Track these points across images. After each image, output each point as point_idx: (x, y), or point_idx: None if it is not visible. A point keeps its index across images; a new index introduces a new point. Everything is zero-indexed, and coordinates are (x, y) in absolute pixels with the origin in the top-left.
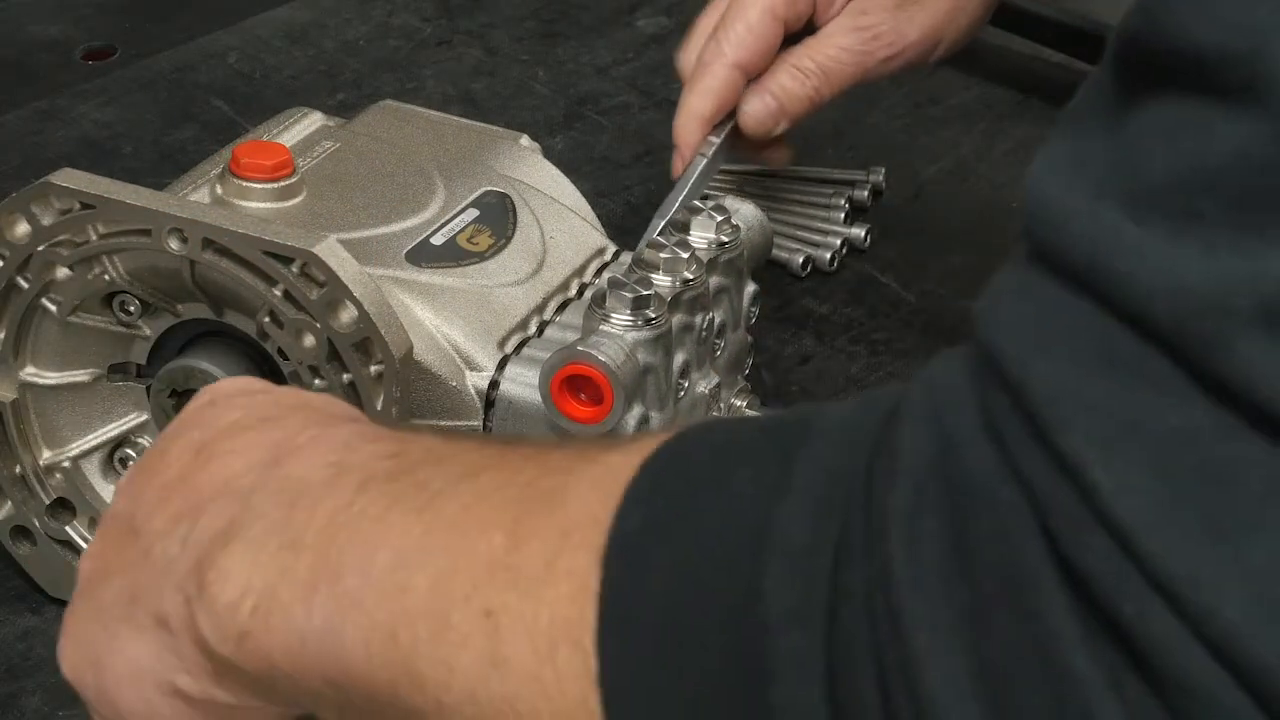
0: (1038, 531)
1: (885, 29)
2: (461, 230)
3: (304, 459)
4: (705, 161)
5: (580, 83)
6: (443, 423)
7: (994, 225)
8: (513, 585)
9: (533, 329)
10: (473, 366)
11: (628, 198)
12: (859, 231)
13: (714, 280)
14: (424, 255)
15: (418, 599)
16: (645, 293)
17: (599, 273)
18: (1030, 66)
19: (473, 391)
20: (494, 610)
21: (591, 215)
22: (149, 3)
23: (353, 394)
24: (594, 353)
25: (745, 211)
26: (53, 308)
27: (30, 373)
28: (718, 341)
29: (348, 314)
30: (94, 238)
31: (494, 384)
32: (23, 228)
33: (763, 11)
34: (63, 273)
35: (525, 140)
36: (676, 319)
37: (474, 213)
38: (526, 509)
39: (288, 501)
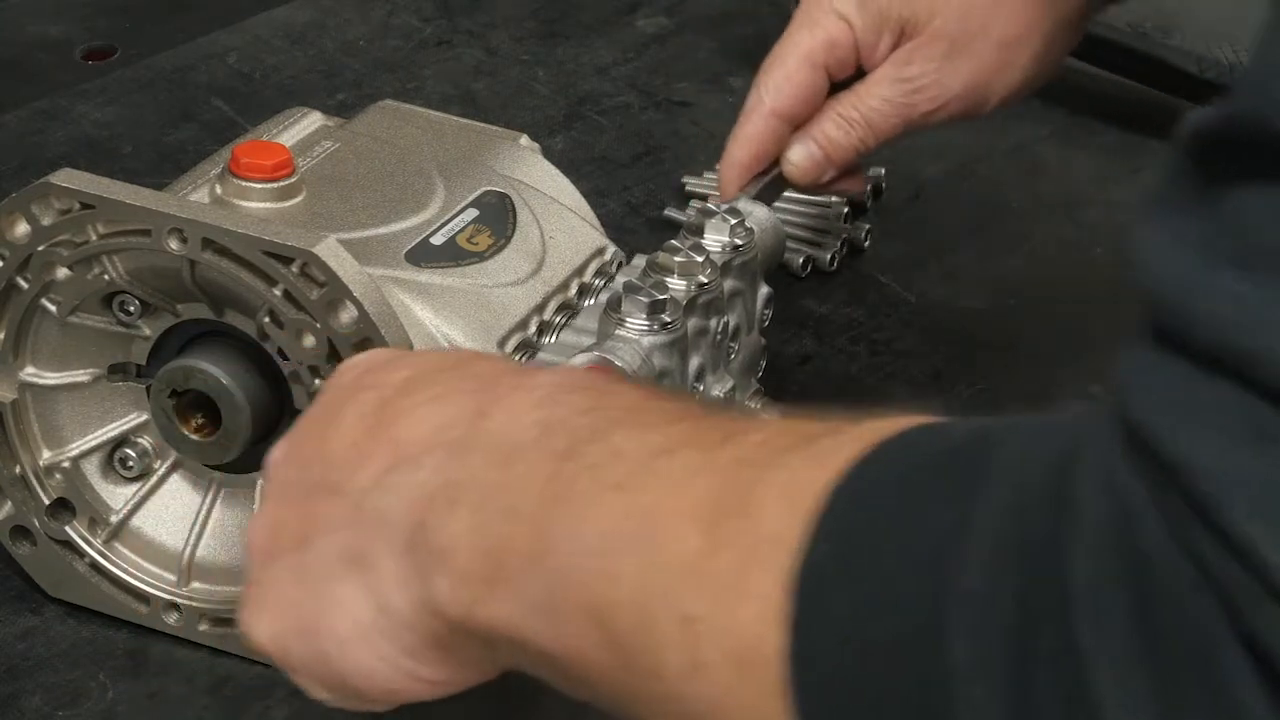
0: (1217, 607)
1: (927, 81)
2: (461, 230)
3: (509, 412)
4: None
5: (580, 83)
6: None
7: (994, 225)
8: (708, 593)
9: (533, 328)
10: None
11: (628, 198)
12: (859, 231)
13: (728, 283)
14: (424, 255)
15: (623, 589)
16: (661, 297)
17: (599, 272)
18: None
19: None
20: (692, 617)
21: (591, 215)
22: (149, 3)
23: None
24: (610, 357)
25: (758, 214)
26: (52, 308)
27: (30, 373)
28: (732, 345)
29: (348, 314)
30: (94, 238)
31: None
32: (22, 228)
33: (800, 59)
34: (62, 273)
35: (525, 140)
36: (692, 323)
37: (474, 213)
38: (721, 510)
39: (502, 461)
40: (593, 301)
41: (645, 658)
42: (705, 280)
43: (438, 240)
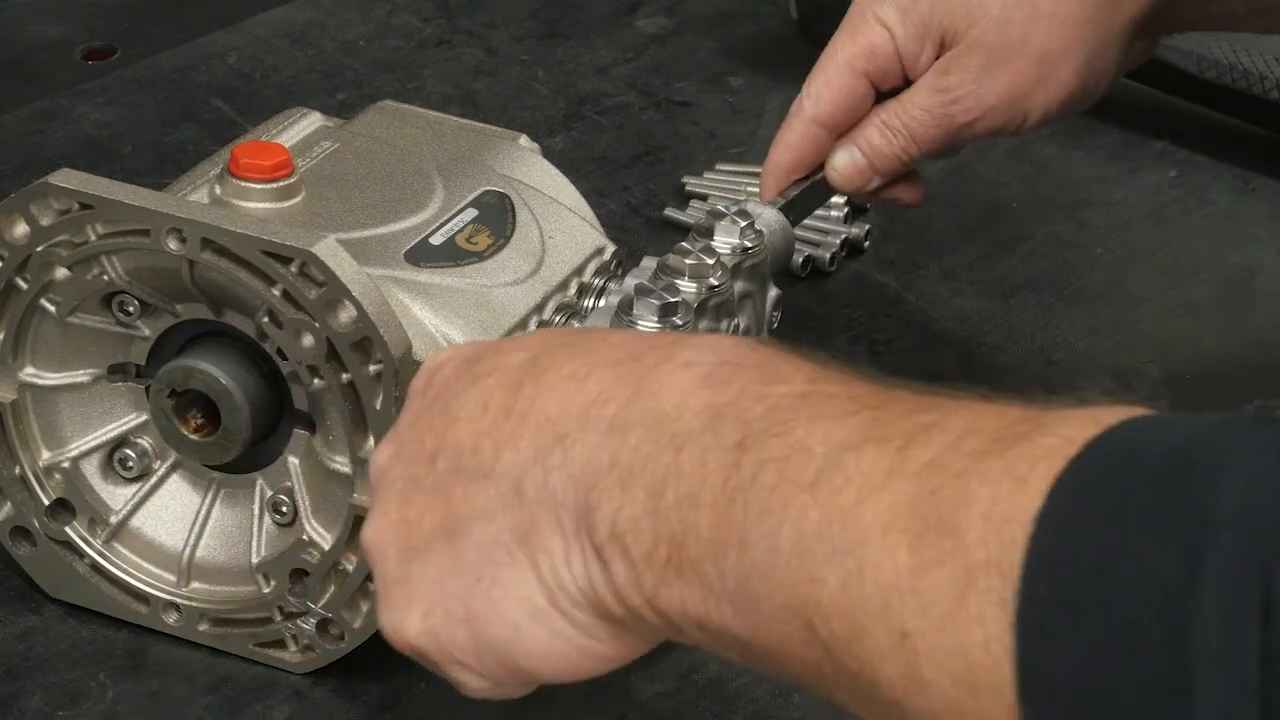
0: None
1: (964, 92)
2: (460, 230)
3: (671, 391)
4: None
5: (580, 83)
6: None
7: (994, 225)
8: (924, 612)
9: (532, 327)
10: None
11: (628, 198)
12: (859, 231)
13: (738, 285)
14: (423, 255)
15: (829, 594)
16: (673, 300)
17: (598, 272)
18: None
19: None
20: (910, 633)
21: (591, 215)
22: (149, 3)
23: (351, 394)
24: None
25: (768, 216)
26: (52, 308)
27: (30, 373)
28: None
29: (346, 313)
30: (93, 238)
31: None
32: (21, 228)
33: (840, 66)
34: (61, 273)
35: (524, 140)
36: (702, 325)
37: (473, 212)
38: (924, 524)
39: (670, 445)
40: (601, 302)
41: (858, 664)
42: (716, 283)
43: (437, 240)
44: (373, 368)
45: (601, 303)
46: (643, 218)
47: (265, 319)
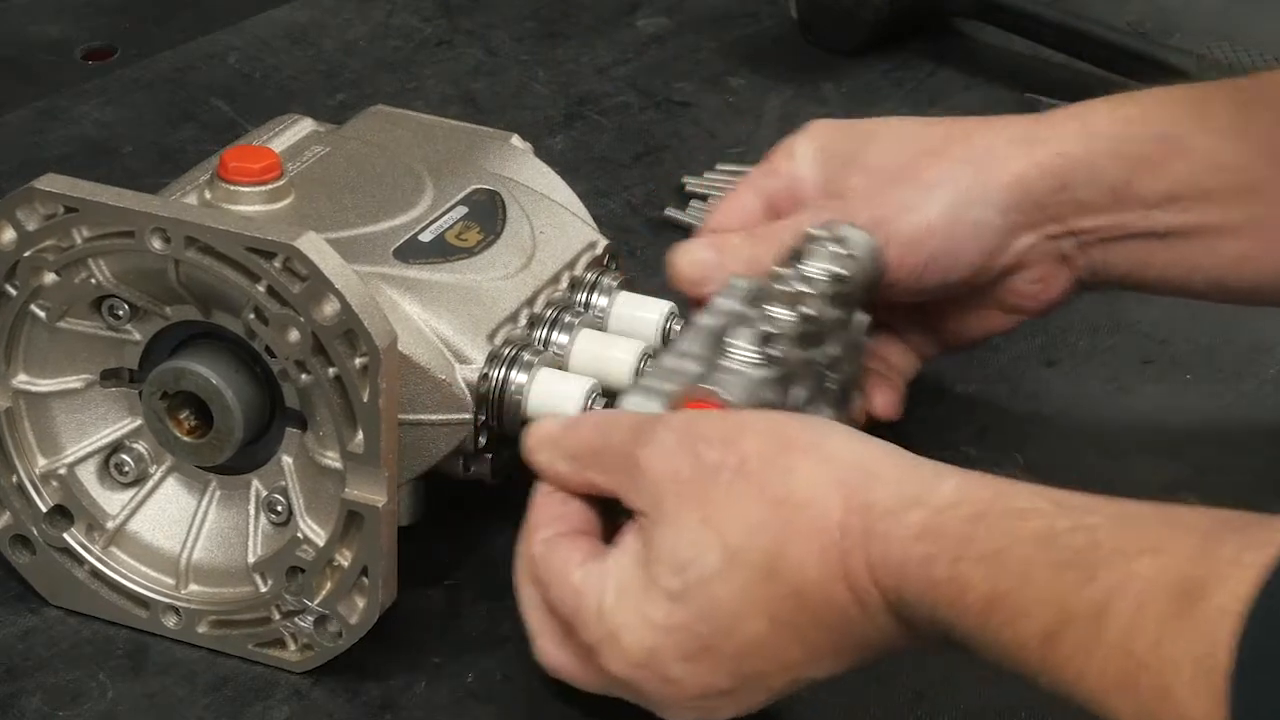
0: None
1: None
2: (450, 227)
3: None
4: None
5: (580, 83)
6: (433, 416)
7: None
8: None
9: (523, 321)
10: (462, 360)
11: (628, 198)
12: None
13: (831, 313)
14: (412, 252)
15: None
16: (772, 330)
17: (590, 266)
18: (1030, 66)
19: (462, 384)
20: None
21: (583, 210)
22: (149, 3)
23: (339, 388)
24: (719, 390)
25: (858, 239)
26: (42, 314)
27: (23, 380)
28: (832, 375)
29: (330, 306)
30: (79, 241)
31: (484, 376)
32: (8, 234)
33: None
34: (50, 278)
35: (516, 139)
36: (796, 354)
37: (463, 210)
38: (1135, 690)
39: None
40: (596, 298)
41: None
42: (813, 312)
43: (426, 237)
44: (358, 360)
45: (603, 301)
46: (643, 218)
47: (252, 316)
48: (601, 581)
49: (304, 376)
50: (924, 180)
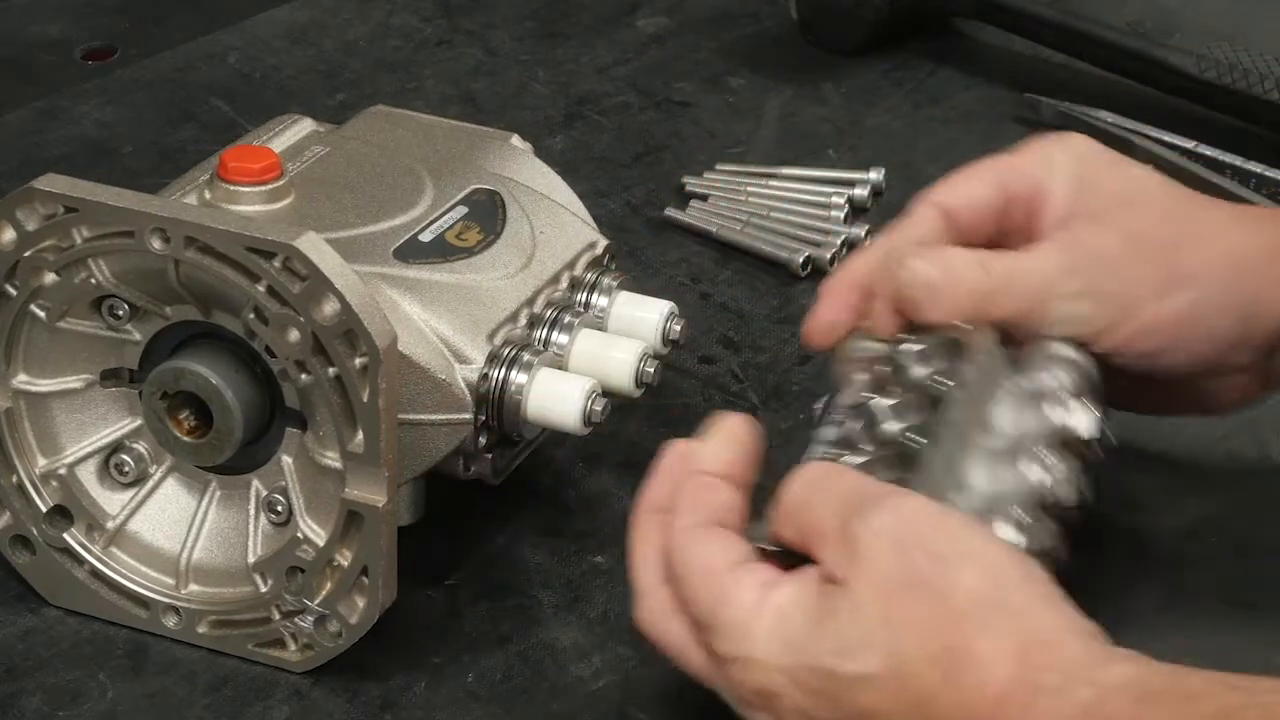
0: None
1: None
2: (450, 227)
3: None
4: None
5: (580, 83)
6: (433, 416)
7: None
8: None
9: (522, 321)
10: (461, 360)
11: (628, 198)
12: (859, 231)
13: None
14: (412, 252)
15: None
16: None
17: (590, 266)
18: (1030, 66)
19: (462, 384)
20: None
21: (583, 210)
22: (149, 3)
23: (339, 388)
24: (1012, 531)
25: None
26: (42, 314)
27: (23, 380)
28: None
29: (330, 306)
30: (79, 241)
31: (484, 376)
32: (8, 234)
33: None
34: (50, 278)
35: (516, 139)
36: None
37: (463, 210)
38: None
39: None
40: (597, 298)
41: None
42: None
43: (426, 237)
44: (358, 360)
45: (603, 301)
46: (643, 218)
47: (251, 316)
48: (759, 608)
49: (304, 376)
50: (1183, 270)
